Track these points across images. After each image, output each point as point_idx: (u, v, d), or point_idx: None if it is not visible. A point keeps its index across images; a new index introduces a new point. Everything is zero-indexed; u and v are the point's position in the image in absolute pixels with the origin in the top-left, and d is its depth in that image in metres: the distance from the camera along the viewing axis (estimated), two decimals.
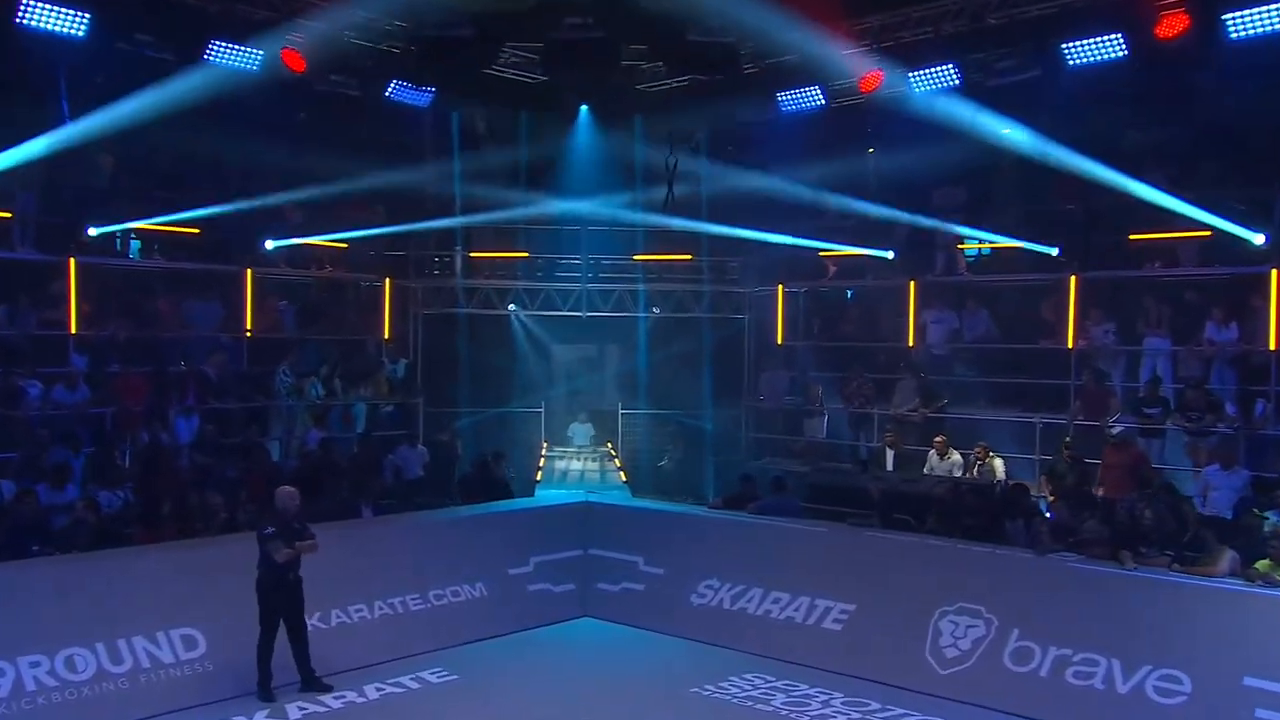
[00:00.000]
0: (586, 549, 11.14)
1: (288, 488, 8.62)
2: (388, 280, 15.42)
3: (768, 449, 15.31)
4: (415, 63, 12.60)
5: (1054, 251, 13.09)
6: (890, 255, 14.64)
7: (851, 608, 9.42)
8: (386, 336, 15.36)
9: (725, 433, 15.94)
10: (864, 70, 12.40)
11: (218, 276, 13.72)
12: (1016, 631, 8.56)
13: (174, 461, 11.25)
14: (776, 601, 9.84)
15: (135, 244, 13.71)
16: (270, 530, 8.28)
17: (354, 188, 13.80)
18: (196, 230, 13.37)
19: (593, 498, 11.95)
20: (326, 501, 10.62)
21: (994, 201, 14.07)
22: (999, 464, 11.99)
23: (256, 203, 13.16)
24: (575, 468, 15.05)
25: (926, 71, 12.36)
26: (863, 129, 14.25)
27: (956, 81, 12.28)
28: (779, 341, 15.73)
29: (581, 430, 16.23)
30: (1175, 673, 7.84)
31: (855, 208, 13.95)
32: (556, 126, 15.61)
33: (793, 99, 13.55)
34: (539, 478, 14.23)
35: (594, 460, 15.39)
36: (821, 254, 15.36)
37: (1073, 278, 12.81)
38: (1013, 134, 12.13)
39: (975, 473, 11.86)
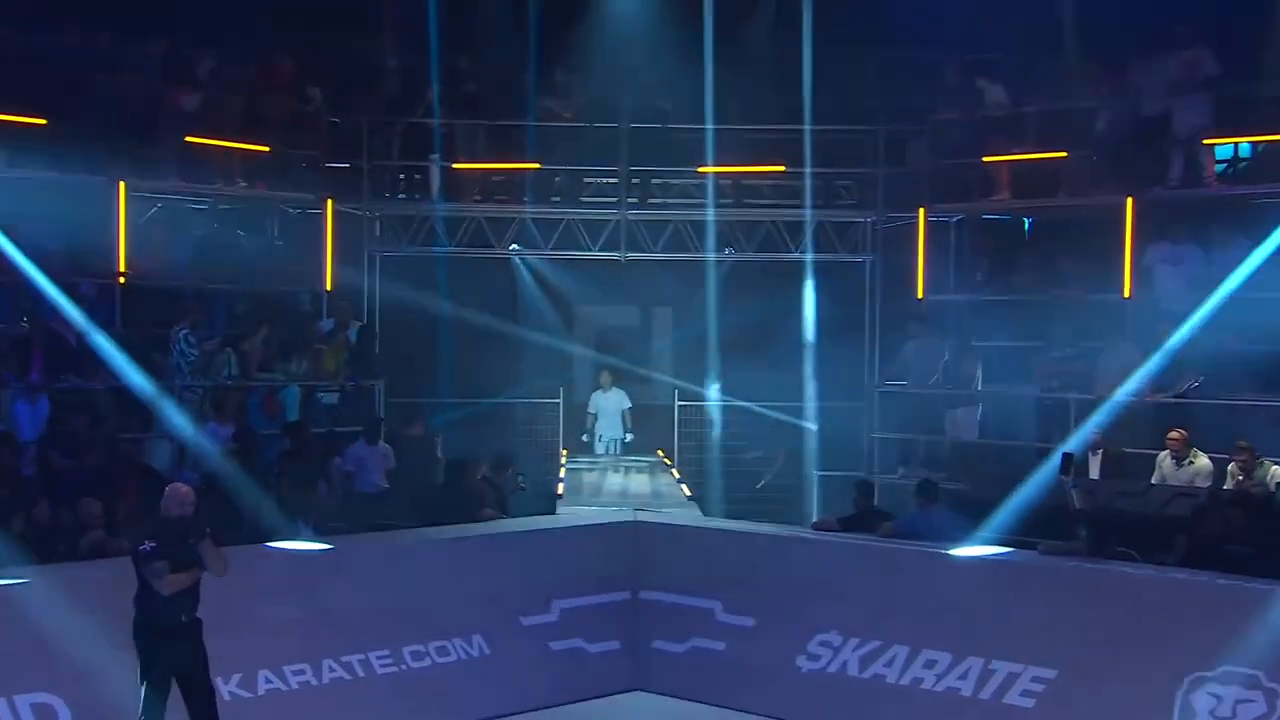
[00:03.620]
0: (637, 590, 11.20)
1: (180, 485, 8.67)
2: (329, 203, 15.52)
3: (902, 454, 15.28)
4: None
5: None
6: (1093, 159, 14.44)
7: (1050, 674, 9.37)
8: (329, 288, 15.49)
9: (839, 433, 15.94)
10: None
11: (75, 191, 13.67)
12: None
13: (14, 461, 11.37)
14: (931, 665, 9.81)
15: None
16: (150, 547, 8.17)
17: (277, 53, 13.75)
18: (43, 121, 13.34)
19: (644, 515, 12.06)
20: (243, 527, 10.74)
21: (1261, 73, 13.78)
22: (1278, 470, 11.81)
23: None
24: (615, 481, 15.12)
25: None
26: None
27: None
28: (919, 295, 15.69)
29: (607, 402, 16.26)
30: None
31: None
32: None
33: None
34: (560, 491, 14.38)
35: (642, 471, 15.50)
36: (986, 160, 15.20)
37: None
38: None
39: (1236, 485, 11.75)
